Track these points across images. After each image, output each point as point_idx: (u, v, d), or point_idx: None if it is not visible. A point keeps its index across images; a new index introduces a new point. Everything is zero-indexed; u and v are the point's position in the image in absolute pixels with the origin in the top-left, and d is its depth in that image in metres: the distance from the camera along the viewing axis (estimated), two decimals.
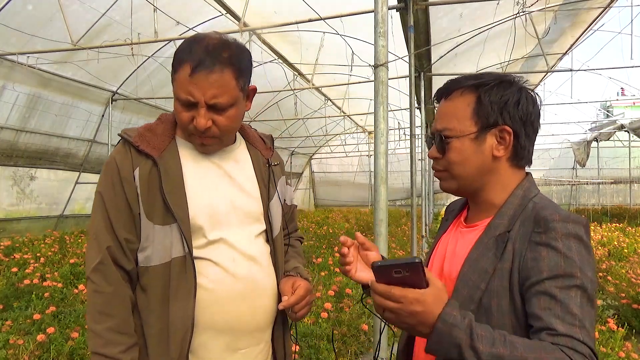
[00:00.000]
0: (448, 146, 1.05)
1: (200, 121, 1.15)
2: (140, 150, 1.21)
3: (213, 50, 1.14)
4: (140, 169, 1.20)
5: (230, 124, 1.20)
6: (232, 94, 1.16)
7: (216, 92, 1.13)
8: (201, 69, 1.11)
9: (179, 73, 1.15)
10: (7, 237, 7.24)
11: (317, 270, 5.29)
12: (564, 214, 0.94)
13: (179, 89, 1.16)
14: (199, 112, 1.15)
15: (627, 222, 11.64)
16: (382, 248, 2.29)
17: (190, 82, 1.12)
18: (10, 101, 6.92)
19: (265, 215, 1.31)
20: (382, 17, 2.30)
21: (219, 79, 1.13)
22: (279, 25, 5.70)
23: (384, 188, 2.30)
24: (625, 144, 15.08)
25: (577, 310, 0.86)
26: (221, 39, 1.18)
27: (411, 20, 4.16)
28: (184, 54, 1.15)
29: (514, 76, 1.07)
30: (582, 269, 0.89)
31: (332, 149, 19.12)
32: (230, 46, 1.18)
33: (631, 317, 4.47)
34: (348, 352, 3.52)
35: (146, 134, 1.24)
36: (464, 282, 0.99)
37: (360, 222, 12.04)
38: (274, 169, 1.38)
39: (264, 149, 1.40)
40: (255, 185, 1.31)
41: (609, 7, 6.64)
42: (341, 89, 9.91)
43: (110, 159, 1.24)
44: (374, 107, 2.34)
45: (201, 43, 1.15)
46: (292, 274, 1.35)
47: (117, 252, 1.18)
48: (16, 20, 5.93)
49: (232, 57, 1.15)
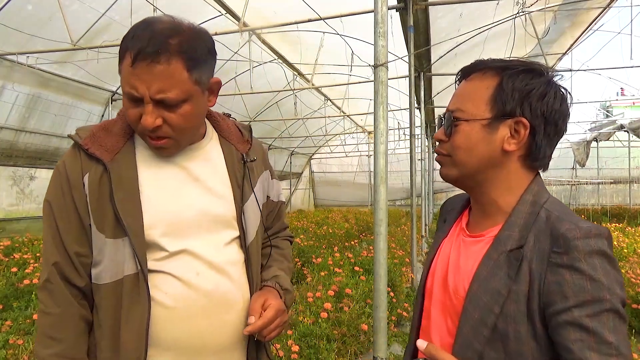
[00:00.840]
0: (456, 129, 0.96)
1: (147, 119, 0.99)
2: (89, 153, 1.07)
3: (159, 36, 0.97)
4: (90, 175, 1.06)
5: (184, 123, 1.03)
6: (184, 87, 0.99)
7: (162, 86, 0.97)
8: (143, 59, 0.95)
9: (122, 63, 0.99)
10: (6, 237, 7.24)
11: (316, 270, 5.28)
12: (585, 229, 0.84)
13: (122, 82, 1.00)
14: (146, 108, 0.99)
15: (626, 222, 11.64)
16: (382, 248, 2.29)
17: (132, 74, 0.97)
18: (10, 101, 6.92)
19: (239, 220, 1.15)
20: (381, 17, 2.30)
21: (164, 70, 0.96)
22: (279, 25, 5.70)
23: (383, 188, 2.30)
24: (625, 144, 15.09)
25: (611, 337, 0.79)
26: (172, 22, 1.01)
27: (411, 20, 4.16)
28: (127, 40, 0.99)
29: (547, 67, 0.95)
30: (610, 288, 0.81)
31: (331, 149, 19.12)
32: (182, 31, 1.00)
33: (631, 317, 4.47)
34: (348, 352, 3.52)
35: (99, 134, 1.09)
36: (474, 303, 0.91)
37: (360, 222, 12.03)
38: (251, 166, 1.22)
39: (240, 142, 1.23)
40: (228, 186, 1.16)
41: (609, 7, 6.64)
42: (341, 89, 9.91)
43: (59, 163, 1.10)
44: (374, 107, 2.34)
45: (147, 28, 0.98)
46: (269, 285, 1.20)
47: (66, 268, 1.05)
48: (16, 20, 5.93)
49: (182, 44, 0.98)
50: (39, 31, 6.17)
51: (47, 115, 7.61)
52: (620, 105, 22.34)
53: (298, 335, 3.43)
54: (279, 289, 1.21)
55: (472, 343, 0.90)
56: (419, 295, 1.09)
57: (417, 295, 1.11)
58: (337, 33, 6.50)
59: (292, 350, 3.12)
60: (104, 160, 1.06)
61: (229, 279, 1.12)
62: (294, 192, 19.73)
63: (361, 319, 3.87)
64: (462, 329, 0.92)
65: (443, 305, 1.00)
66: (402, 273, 5.58)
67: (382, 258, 2.29)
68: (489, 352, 0.88)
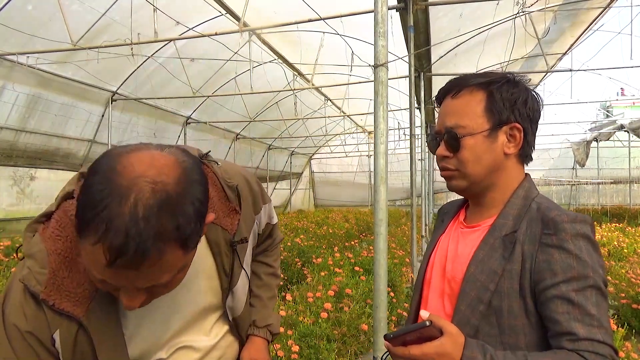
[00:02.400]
0: (461, 144, 1.04)
1: (130, 303, 0.80)
2: (57, 310, 0.83)
3: (145, 225, 0.69)
4: (62, 333, 0.84)
5: (176, 285, 0.86)
6: (178, 265, 0.79)
7: (153, 278, 0.76)
8: (123, 264, 0.70)
9: (85, 241, 0.71)
10: (7, 237, 7.24)
11: (317, 271, 5.29)
12: (572, 215, 0.96)
13: (90, 267, 0.75)
14: (127, 293, 0.79)
15: (626, 222, 11.64)
16: (382, 248, 2.29)
17: (107, 271, 0.72)
18: (10, 101, 6.92)
19: (224, 303, 1.07)
20: (382, 17, 2.30)
21: (155, 264, 0.73)
22: (279, 25, 5.70)
23: (383, 188, 2.30)
24: (625, 144, 15.08)
25: (594, 310, 0.89)
26: (155, 190, 0.71)
27: (411, 20, 4.16)
28: (93, 213, 0.69)
29: (518, 75, 1.08)
30: (594, 267, 0.91)
31: (332, 149, 19.11)
32: (173, 202, 0.73)
33: (631, 317, 4.47)
34: (348, 352, 3.52)
35: (61, 275, 0.83)
36: (471, 282, 0.99)
37: (360, 222, 12.03)
38: (241, 247, 1.07)
39: (226, 216, 1.03)
40: (216, 278, 1.03)
41: (609, 7, 6.64)
42: (341, 89, 9.91)
43: (12, 320, 0.82)
44: (374, 107, 2.34)
45: (124, 205, 0.69)
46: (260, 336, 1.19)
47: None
48: (16, 20, 5.93)
49: (178, 226, 0.73)
50: (39, 31, 6.17)
51: (47, 115, 7.61)
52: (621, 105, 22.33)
53: (298, 335, 3.42)
54: (269, 338, 1.20)
55: (470, 319, 0.98)
56: (418, 285, 1.18)
57: (415, 286, 1.20)
58: (337, 33, 6.50)
59: (292, 350, 3.12)
60: (78, 316, 0.84)
61: (221, 352, 1.09)
62: (294, 192, 19.74)
63: (361, 319, 3.87)
64: (460, 306, 1.00)
65: (441, 291, 1.09)
66: (402, 273, 5.59)
67: (382, 258, 2.29)
68: (484, 326, 0.97)
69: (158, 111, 9.69)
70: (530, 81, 1.09)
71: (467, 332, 0.95)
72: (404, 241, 8.17)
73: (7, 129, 7.12)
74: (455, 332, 0.88)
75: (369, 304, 4.17)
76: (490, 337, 0.96)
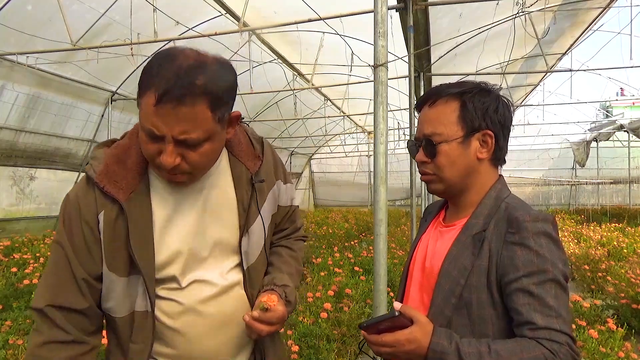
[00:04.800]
0: (437, 150, 1.12)
1: (167, 159, 0.99)
2: (105, 191, 1.05)
3: (185, 76, 0.94)
4: (105, 214, 1.05)
5: (203, 161, 1.04)
6: (206, 128, 0.98)
7: (186, 128, 0.96)
8: (167, 100, 0.93)
9: (143, 98, 0.96)
10: (6, 237, 7.24)
11: (316, 271, 5.29)
12: (534, 214, 1.04)
13: (142, 117, 0.98)
14: (166, 148, 0.98)
15: (626, 222, 11.62)
16: (382, 248, 2.29)
17: (155, 114, 0.94)
18: (9, 101, 6.92)
19: (240, 243, 1.17)
20: (381, 17, 2.30)
21: (189, 113, 0.94)
22: (279, 25, 5.70)
23: (383, 188, 2.30)
24: (625, 144, 15.06)
25: (553, 302, 0.96)
26: (197, 58, 0.98)
27: (411, 21, 4.15)
28: (150, 75, 0.96)
29: (490, 84, 1.16)
30: (554, 262, 0.99)
31: (331, 149, 19.11)
32: (207, 69, 0.97)
33: (631, 317, 4.47)
34: (348, 352, 3.52)
35: (114, 169, 1.07)
36: (445, 277, 1.08)
37: (360, 222, 12.03)
38: (260, 186, 1.20)
39: (250, 158, 1.21)
40: (234, 212, 1.16)
41: (609, 7, 6.65)
42: (341, 89, 9.90)
43: (71, 197, 1.09)
44: (374, 108, 2.33)
45: (172, 63, 0.95)
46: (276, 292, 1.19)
47: (69, 295, 1.06)
48: (16, 20, 5.92)
49: (207, 85, 0.96)
50: (39, 31, 6.17)
51: (47, 115, 7.61)
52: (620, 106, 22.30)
53: (298, 335, 3.43)
54: (284, 299, 1.22)
55: (443, 310, 1.07)
56: (402, 279, 1.28)
57: (401, 280, 1.30)
58: (337, 33, 6.49)
59: (292, 350, 3.12)
60: (120, 200, 1.05)
61: (232, 300, 1.16)
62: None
63: (361, 319, 3.87)
64: (435, 299, 1.09)
65: (421, 284, 1.18)
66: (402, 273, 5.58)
67: (382, 258, 2.29)
68: (457, 317, 1.05)
69: None
70: (501, 89, 1.17)
71: (441, 323, 1.04)
72: (403, 241, 8.17)
73: (7, 129, 7.12)
74: (424, 321, 0.99)
75: (369, 304, 4.17)
76: (463, 327, 1.04)
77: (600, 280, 5.72)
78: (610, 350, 3.18)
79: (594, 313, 4.28)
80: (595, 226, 10.88)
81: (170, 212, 1.11)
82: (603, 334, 3.41)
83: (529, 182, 17.53)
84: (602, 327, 3.53)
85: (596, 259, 6.73)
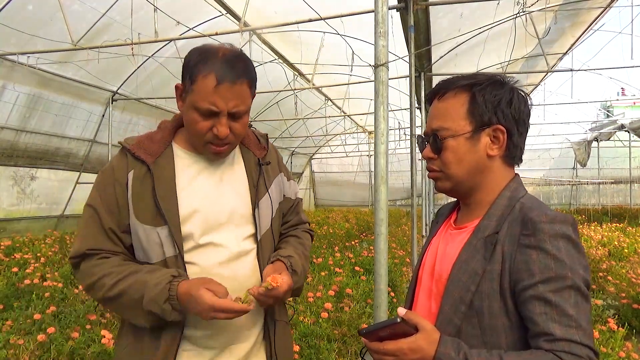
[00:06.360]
0: (443, 146, 1.05)
1: (223, 130, 1.22)
2: (136, 156, 1.28)
3: (234, 62, 1.22)
4: (135, 172, 1.27)
5: (243, 130, 1.29)
6: (248, 102, 1.26)
7: (237, 102, 1.22)
8: (226, 81, 1.19)
9: (200, 84, 1.19)
10: (7, 237, 7.24)
11: (317, 270, 5.29)
12: (551, 215, 0.94)
13: (200, 99, 1.20)
14: (221, 120, 1.22)
15: (627, 222, 11.62)
16: (383, 248, 2.29)
17: (214, 93, 1.18)
18: (10, 101, 6.92)
19: (253, 214, 1.34)
20: (382, 17, 2.29)
21: (240, 90, 1.22)
22: (279, 25, 5.69)
23: (384, 188, 2.29)
24: (626, 144, 15.06)
25: (572, 311, 0.88)
26: (235, 50, 1.26)
27: (411, 20, 4.15)
28: (204, 65, 1.20)
29: (505, 76, 1.08)
30: (573, 268, 0.90)
31: (332, 149, 19.10)
32: (244, 57, 1.27)
33: (631, 317, 4.47)
34: (348, 352, 3.51)
35: (144, 142, 1.32)
36: (454, 283, 1.00)
37: (361, 222, 12.03)
38: (266, 168, 1.42)
39: (257, 148, 1.45)
40: (246, 187, 1.37)
41: (609, 7, 6.63)
42: (341, 89, 9.89)
43: (107, 166, 1.33)
44: (374, 107, 2.33)
45: (218, 54, 1.22)
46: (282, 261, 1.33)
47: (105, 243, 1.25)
48: (16, 20, 5.92)
49: (247, 68, 1.25)
50: (40, 31, 6.17)
51: (48, 115, 7.61)
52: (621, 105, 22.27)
53: (298, 335, 3.43)
54: (289, 268, 1.33)
55: (452, 319, 0.99)
56: (411, 285, 1.21)
57: (409, 286, 1.22)
58: (337, 33, 6.49)
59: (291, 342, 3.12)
60: (147, 162, 1.27)
61: (245, 266, 1.30)
62: None
63: (362, 319, 3.87)
64: (444, 307, 1.01)
65: (429, 290, 1.11)
66: (402, 273, 5.59)
67: (383, 258, 2.29)
68: (466, 326, 0.97)
69: (158, 111, 9.68)
70: (517, 82, 1.08)
71: (449, 332, 0.97)
72: (404, 241, 8.17)
73: (7, 128, 7.12)
74: (429, 329, 0.91)
75: (370, 303, 4.17)
76: (473, 337, 0.96)
77: (601, 280, 5.72)
78: (611, 350, 3.18)
79: (594, 313, 4.28)
80: (596, 226, 10.87)
81: (191, 177, 1.30)
82: (604, 334, 3.41)
83: (530, 182, 17.51)
84: (603, 327, 3.53)
85: (597, 259, 6.72)
